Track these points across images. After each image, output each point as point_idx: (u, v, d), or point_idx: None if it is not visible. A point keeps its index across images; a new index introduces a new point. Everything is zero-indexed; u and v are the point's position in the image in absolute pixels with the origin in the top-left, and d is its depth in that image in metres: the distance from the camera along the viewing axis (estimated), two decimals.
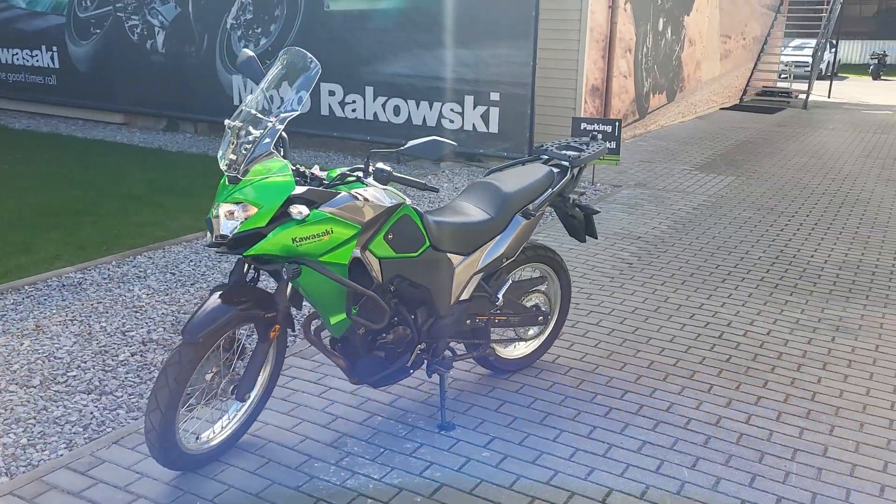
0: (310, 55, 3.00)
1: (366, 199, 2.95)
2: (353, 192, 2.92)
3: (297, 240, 2.80)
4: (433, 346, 3.42)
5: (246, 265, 2.99)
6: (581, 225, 3.93)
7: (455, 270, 3.37)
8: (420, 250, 3.18)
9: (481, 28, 8.89)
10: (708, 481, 3.03)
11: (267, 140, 2.82)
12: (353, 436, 3.31)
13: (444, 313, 3.36)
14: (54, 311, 4.62)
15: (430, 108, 9.41)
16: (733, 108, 16.18)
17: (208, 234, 2.89)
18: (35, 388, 3.71)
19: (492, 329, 3.68)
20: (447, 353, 3.50)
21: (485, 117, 9.10)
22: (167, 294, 4.94)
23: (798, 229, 6.73)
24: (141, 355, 4.08)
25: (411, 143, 2.92)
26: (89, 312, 4.62)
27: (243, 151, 2.82)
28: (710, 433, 3.39)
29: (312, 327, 3.35)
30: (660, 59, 12.12)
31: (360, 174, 2.93)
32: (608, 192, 8.06)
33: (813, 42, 20.31)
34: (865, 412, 3.60)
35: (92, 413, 3.50)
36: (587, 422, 3.46)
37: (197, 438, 3.07)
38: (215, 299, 2.84)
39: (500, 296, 3.57)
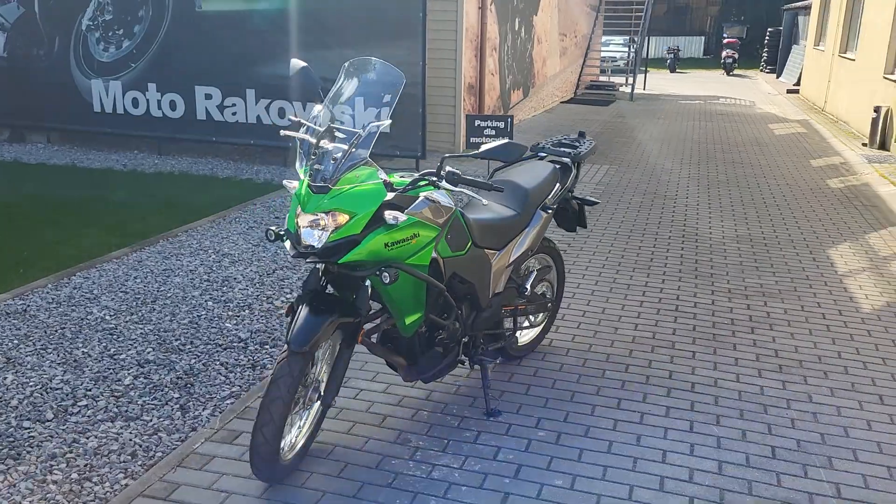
0: (392, 66, 3.08)
1: (439, 202, 3.10)
2: (427, 195, 3.06)
3: (389, 244, 2.91)
4: (474, 339, 3.62)
5: (321, 273, 3.03)
6: (575, 216, 4.26)
7: (492, 265, 3.58)
8: (467, 248, 3.37)
9: (368, 29, 9.00)
10: (736, 434, 3.47)
11: (361, 151, 2.89)
12: (411, 431, 3.43)
13: (484, 306, 3.57)
14: (16, 342, 4.29)
15: None
16: (570, 101, 17.32)
17: (287, 244, 2.92)
18: (51, 421, 3.49)
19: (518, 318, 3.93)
20: (482, 344, 3.71)
21: (377, 118, 9.20)
22: (134, 313, 4.72)
23: (686, 210, 7.50)
24: (145, 377, 3.93)
25: (486, 146, 3.09)
26: (58, 338, 4.34)
27: (332, 161, 2.87)
28: (715, 393, 3.85)
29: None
30: (517, 56, 12.79)
31: (434, 178, 3.07)
32: None
33: (621, 39, 22.15)
34: (822, 362, 4.22)
35: (131, 440, 3.36)
36: (611, 395, 3.81)
37: (282, 449, 3.08)
38: (307, 309, 2.87)
39: (528, 286, 3.83)
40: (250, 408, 3.58)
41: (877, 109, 11.39)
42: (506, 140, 3.10)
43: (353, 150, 2.89)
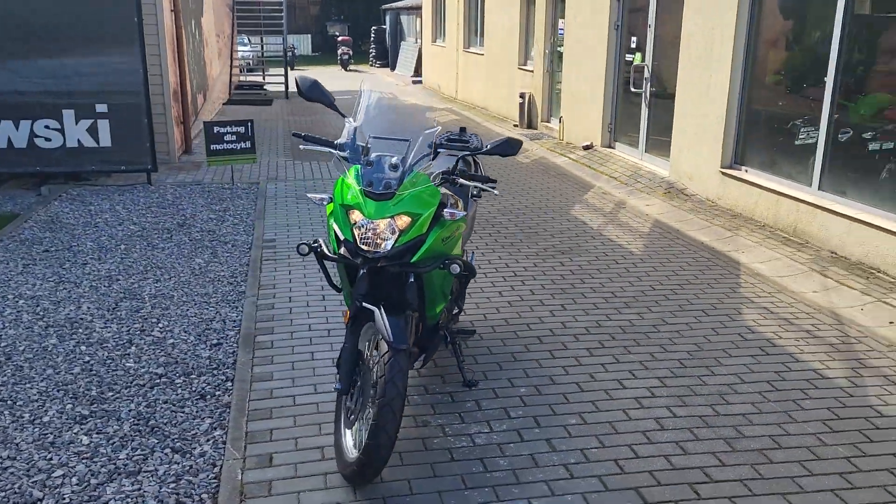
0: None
1: (459, 199, 3.43)
2: (448, 192, 3.37)
3: (444, 240, 3.18)
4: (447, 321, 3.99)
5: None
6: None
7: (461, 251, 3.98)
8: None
9: (77, 36, 8.18)
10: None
11: (423, 158, 3.10)
12: (424, 412, 3.70)
13: (456, 290, 3.95)
14: None
15: (17, 127, 8.26)
16: (230, 102, 17.14)
17: (343, 252, 3.03)
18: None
19: None
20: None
21: (92, 131, 8.44)
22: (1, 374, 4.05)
23: (527, 203, 8.36)
24: (98, 432, 3.53)
25: (492, 143, 3.47)
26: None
27: (391, 169, 3.04)
28: (681, 357, 4.72)
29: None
30: (197, 60, 12.43)
31: (452, 176, 3.39)
32: (278, 189, 8.51)
33: (258, 39, 22.38)
34: (615, 293, 5.37)
35: (160, 490, 3.11)
36: (566, 364, 4.46)
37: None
38: (382, 311, 3.00)
39: (473, 267, 4.27)
40: (254, 432, 3.50)
41: (522, 95, 13.50)
42: (506, 136, 3.53)
43: (418, 159, 3.10)
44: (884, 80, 6.15)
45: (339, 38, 32.04)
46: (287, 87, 18.82)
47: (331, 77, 26.45)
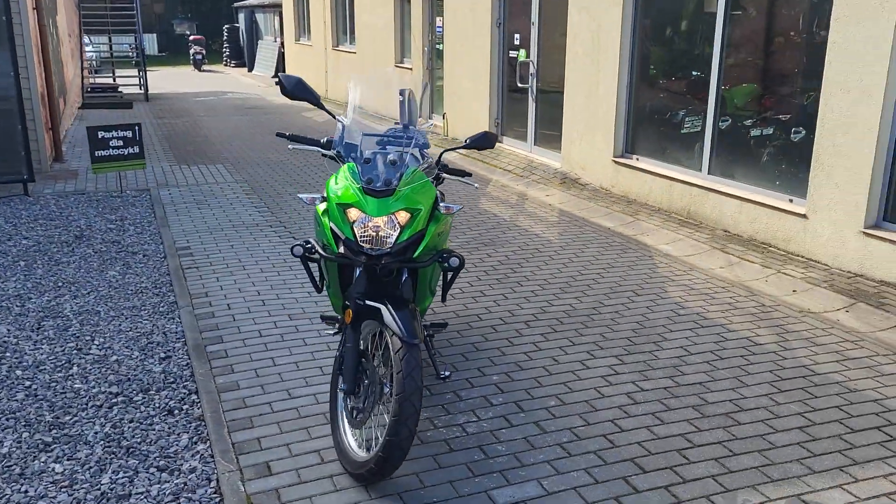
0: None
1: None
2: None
3: (439, 234, 3.23)
4: None
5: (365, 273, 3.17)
6: None
7: None
8: None
9: None
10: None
11: (419, 154, 3.12)
12: None
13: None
14: None
15: None
16: (85, 106, 16.13)
17: (342, 250, 3.02)
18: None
19: None
20: None
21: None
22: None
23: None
24: (69, 458, 3.31)
25: (471, 137, 3.54)
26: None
27: (389, 165, 3.05)
28: (628, 336, 4.92)
29: None
30: (56, 61, 11.62)
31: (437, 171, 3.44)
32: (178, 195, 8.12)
33: (100, 38, 21.15)
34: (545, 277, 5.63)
35: None
36: (527, 350, 4.59)
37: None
38: (389, 307, 3.02)
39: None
40: (241, 442, 3.40)
41: (402, 93, 13.54)
42: (484, 130, 3.61)
43: (410, 152, 3.12)
44: (756, 71, 6.73)
45: (191, 38, 30.80)
46: (146, 89, 17.91)
47: (186, 78, 25.43)
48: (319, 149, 3.52)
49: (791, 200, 6.31)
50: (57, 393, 3.88)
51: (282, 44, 23.44)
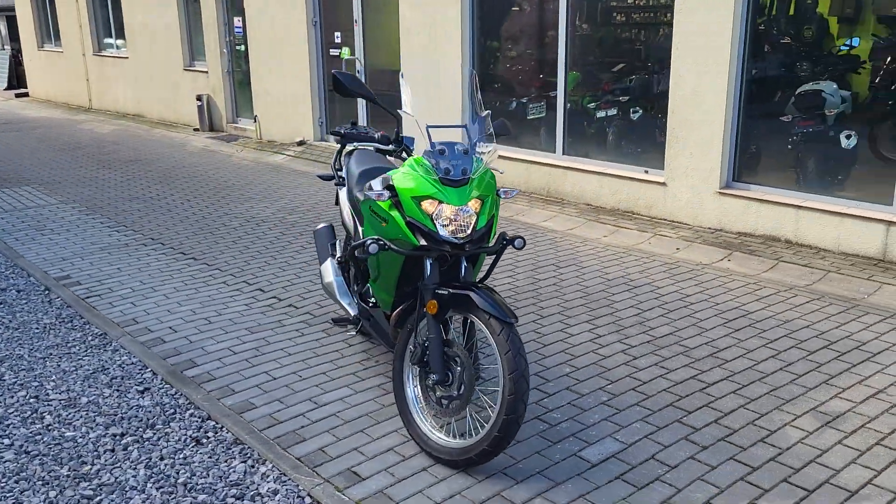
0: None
1: None
2: None
3: (497, 217, 3.34)
4: None
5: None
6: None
7: None
8: None
9: None
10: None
11: (490, 146, 3.19)
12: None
13: None
14: None
15: None
16: None
17: (423, 243, 3.05)
18: None
19: None
20: None
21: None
22: None
23: (304, 206, 7.89)
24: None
25: (493, 124, 3.62)
26: None
27: (462, 154, 3.10)
28: (585, 304, 5.16)
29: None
30: None
31: None
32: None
33: None
34: None
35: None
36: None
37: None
38: (476, 292, 3.07)
39: None
40: (305, 456, 3.27)
41: (199, 98, 12.93)
42: (498, 118, 3.70)
43: (487, 146, 3.18)
44: (597, 58, 7.48)
45: None
46: None
47: None
48: (377, 144, 3.44)
49: (647, 171, 7.10)
50: (50, 445, 3.41)
51: (17, 51, 21.00)
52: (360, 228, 3.92)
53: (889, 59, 5.71)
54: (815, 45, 6.06)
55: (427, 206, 3.08)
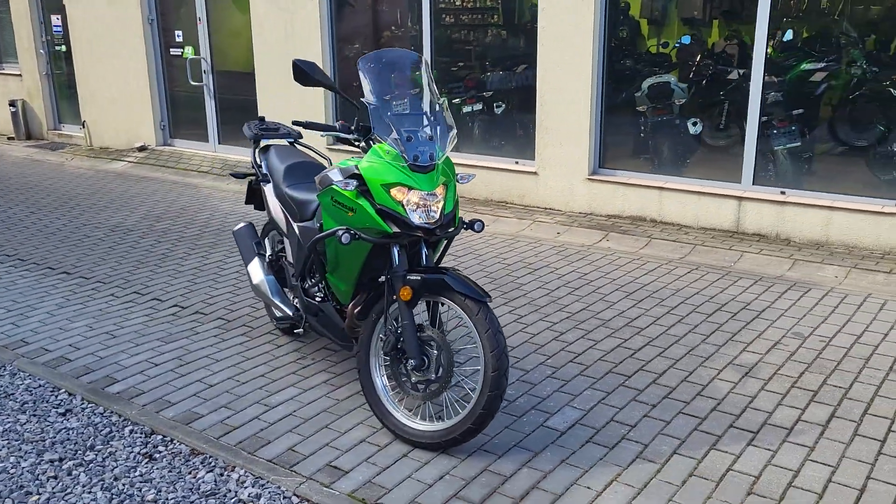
0: (414, 54, 3.29)
1: None
2: None
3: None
4: None
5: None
6: None
7: None
8: None
9: None
10: None
11: (453, 130, 3.22)
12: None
13: None
14: None
15: None
16: None
17: (394, 228, 3.07)
18: None
19: None
20: None
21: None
22: None
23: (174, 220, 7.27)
24: None
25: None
26: None
27: (428, 140, 3.14)
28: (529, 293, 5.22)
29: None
30: None
31: None
32: None
33: None
34: None
35: None
36: None
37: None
38: (451, 276, 3.12)
39: None
40: (276, 457, 3.18)
41: (13, 104, 11.81)
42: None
43: (450, 130, 3.22)
44: (462, 55, 7.72)
45: None
46: None
47: None
48: (339, 133, 3.36)
49: (517, 162, 7.43)
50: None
51: None
52: (293, 224, 3.83)
53: (699, 56, 6.40)
54: (649, 42, 6.64)
55: (396, 193, 3.09)
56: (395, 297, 3.23)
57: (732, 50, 6.34)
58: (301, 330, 3.97)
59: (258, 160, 4.29)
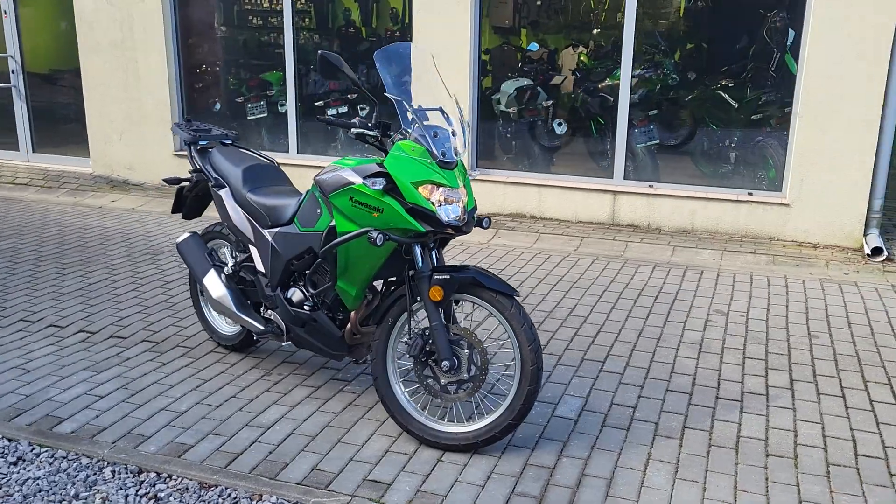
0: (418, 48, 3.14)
1: None
2: None
3: None
4: None
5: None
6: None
7: None
8: None
9: None
10: None
11: (469, 126, 3.14)
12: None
13: None
14: None
15: None
16: None
17: (426, 228, 2.99)
18: None
19: None
20: None
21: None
22: None
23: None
24: None
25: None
26: None
27: (452, 137, 3.05)
28: None
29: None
30: None
31: None
32: None
33: None
34: None
35: None
36: None
37: None
38: (472, 270, 3.08)
39: None
40: (306, 479, 2.95)
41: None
42: None
43: (465, 129, 3.13)
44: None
45: None
46: None
47: None
48: (361, 129, 3.12)
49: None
50: None
51: None
52: (263, 231, 3.56)
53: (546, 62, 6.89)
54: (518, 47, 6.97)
55: (423, 190, 2.98)
56: (418, 298, 3.12)
57: (572, 58, 6.81)
58: (286, 343, 3.65)
59: (198, 164, 3.92)
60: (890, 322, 4.61)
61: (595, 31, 6.75)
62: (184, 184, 4.06)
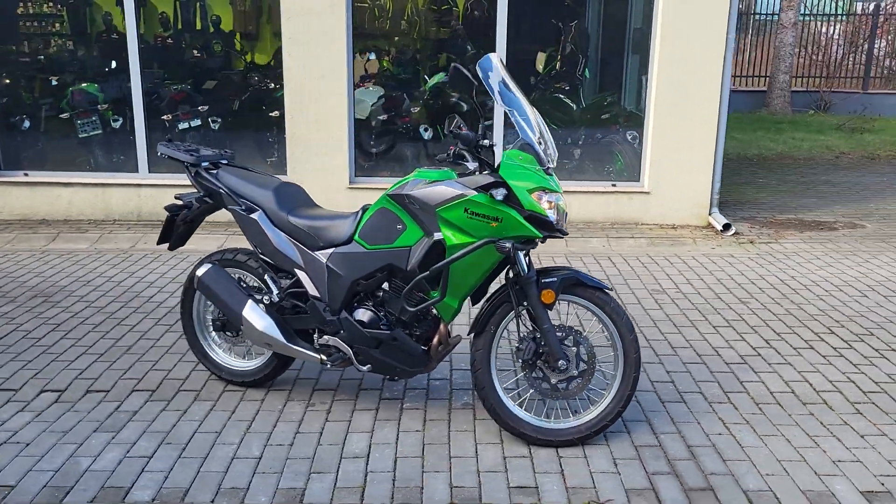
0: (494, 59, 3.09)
1: None
2: None
3: None
4: None
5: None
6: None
7: None
8: None
9: None
10: None
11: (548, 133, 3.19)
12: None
13: None
14: None
15: None
16: None
17: (536, 231, 3.05)
18: None
19: None
20: None
21: None
22: None
23: None
24: None
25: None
26: None
27: (549, 145, 3.11)
28: None
29: None
30: None
31: None
32: None
33: None
34: None
35: None
36: None
37: None
38: (567, 271, 3.18)
39: None
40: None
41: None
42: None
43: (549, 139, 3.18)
44: (161, 70, 7.05)
45: None
46: None
47: None
48: (487, 142, 3.02)
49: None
50: None
51: None
52: (314, 253, 3.34)
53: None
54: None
55: (543, 196, 3.02)
56: (525, 303, 3.16)
57: None
58: (365, 369, 3.39)
59: (212, 186, 3.55)
60: (789, 282, 5.44)
61: None
62: (183, 210, 3.64)
